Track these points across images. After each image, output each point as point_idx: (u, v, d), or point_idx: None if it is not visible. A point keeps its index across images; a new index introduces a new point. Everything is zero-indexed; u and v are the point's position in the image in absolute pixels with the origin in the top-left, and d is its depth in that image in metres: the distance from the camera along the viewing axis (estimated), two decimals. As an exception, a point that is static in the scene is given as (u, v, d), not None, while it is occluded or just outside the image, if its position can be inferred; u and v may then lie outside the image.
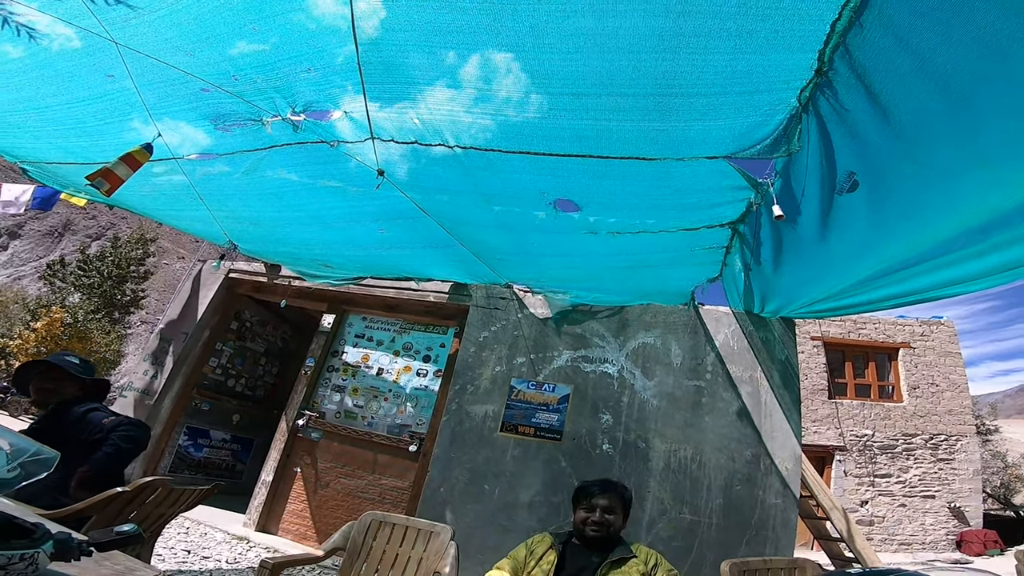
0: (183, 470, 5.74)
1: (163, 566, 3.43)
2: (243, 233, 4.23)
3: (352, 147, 2.57)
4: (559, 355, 4.42)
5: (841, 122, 1.85)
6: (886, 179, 2.07)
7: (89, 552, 1.14)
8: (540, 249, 3.43)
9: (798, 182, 2.24)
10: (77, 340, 13.62)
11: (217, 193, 3.44)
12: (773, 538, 3.85)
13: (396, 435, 4.69)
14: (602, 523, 2.01)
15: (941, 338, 10.75)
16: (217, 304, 5.82)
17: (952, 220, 2.21)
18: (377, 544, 2.52)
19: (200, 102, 2.48)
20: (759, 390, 4.15)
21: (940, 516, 10.18)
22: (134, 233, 18.33)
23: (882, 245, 2.53)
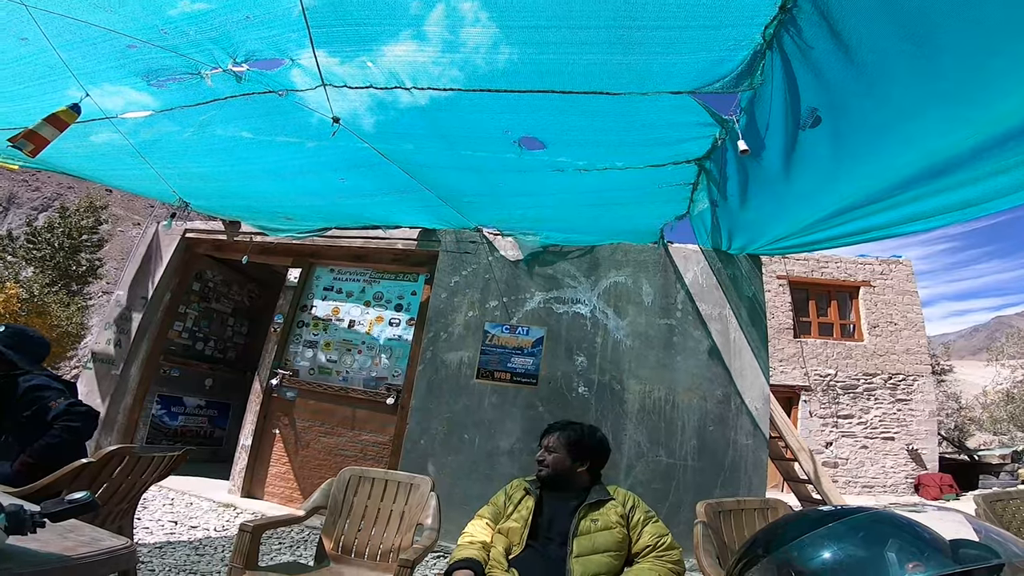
0: (160, 440, 5.65)
1: (151, 539, 3.40)
2: (194, 190, 4.03)
3: (303, 95, 2.44)
4: (531, 297, 4.41)
5: (804, 59, 1.84)
6: (848, 115, 2.09)
7: (43, 523, 1.10)
8: (508, 189, 3.37)
9: (762, 118, 2.24)
10: (36, 316, 13.10)
11: (161, 151, 3.26)
12: (746, 480, 4.00)
13: (373, 388, 4.66)
14: (540, 460, 2.06)
15: (899, 277, 11.10)
16: (176, 266, 5.62)
17: (911, 157, 2.26)
18: (358, 500, 2.52)
19: (128, 59, 2.32)
20: (728, 328, 4.24)
21: (899, 459, 10.68)
22: (82, 201, 17.48)
23: (844, 181, 2.57)
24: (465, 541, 1.95)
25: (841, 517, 0.81)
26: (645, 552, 1.88)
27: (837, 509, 0.86)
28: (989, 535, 0.79)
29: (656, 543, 1.88)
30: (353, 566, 2.35)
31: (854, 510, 0.83)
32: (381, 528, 2.46)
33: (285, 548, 3.60)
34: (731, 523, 2.41)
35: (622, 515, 1.94)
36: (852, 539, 0.77)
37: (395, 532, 2.44)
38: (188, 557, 3.18)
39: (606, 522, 1.90)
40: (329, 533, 2.44)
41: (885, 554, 0.73)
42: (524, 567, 1.83)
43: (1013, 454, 12.24)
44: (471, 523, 2.04)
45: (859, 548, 0.76)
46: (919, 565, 0.70)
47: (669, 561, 1.85)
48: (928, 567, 0.70)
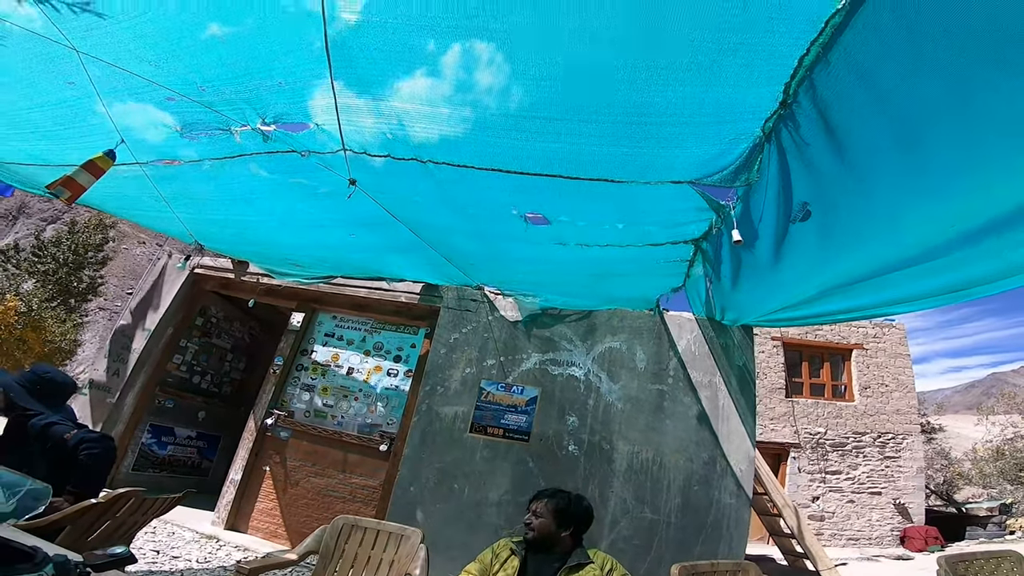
0: (147, 468, 5.64)
1: (131, 568, 3.38)
2: (210, 234, 4.18)
3: (323, 157, 2.61)
4: (528, 358, 4.53)
5: (799, 154, 1.96)
6: (836, 209, 2.23)
7: (87, 574, 1.20)
8: (511, 255, 3.53)
9: (756, 209, 2.38)
10: (31, 330, 13.10)
11: (182, 197, 3.42)
12: (727, 536, 4.06)
13: (367, 434, 4.73)
14: (528, 523, 2.18)
15: (892, 340, 11.29)
16: (182, 300, 5.72)
17: (894, 247, 2.40)
18: (349, 547, 2.59)
19: (166, 110, 2.47)
20: (717, 394, 4.34)
21: (886, 512, 10.68)
22: (92, 218, 17.61)
23: (830, 267, 2.74)
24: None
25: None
26: None
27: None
28: None
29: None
30: None
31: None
32: (371, 575, 2.53)
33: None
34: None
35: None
36: None
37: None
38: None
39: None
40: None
41: None
42: None
43: (1001, 506, 12.12)
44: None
45: None
46: None
47: None
48: None
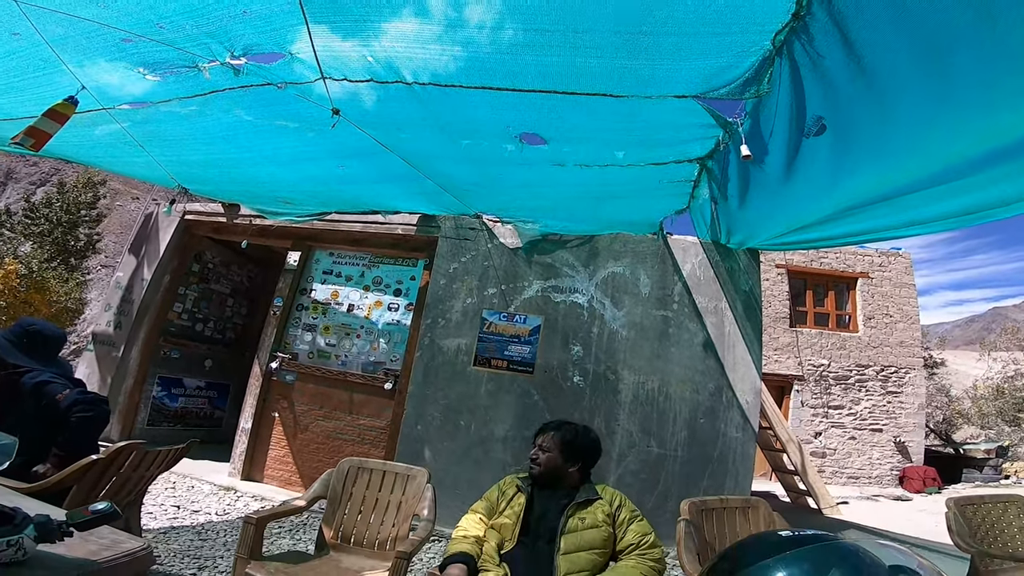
0: (161, 422, 5.70)
1: (155, 524, 3.45)
2: (193, 175, 4.04)
3: (302, 87, 2.44)
4: (529, 285, 4.44)
5: (814, 68, 1.83)
6: (854, 125, 2.10)
7: (70, 533, 1.17)
8: (508, 180, 3.39)
9: (767, 123, 2.25)
10: (35, 291, 13.11)
11: (159, 139, 3.28)
12: (733, 471, 4.07)
13: (371, 373, 4.71)
14: (533, 459, 2.11)
15: (898, 269, 11.12)
16: (175, 247, 5.64)
17: (913, 166, 2.28)
18: (357, 490, 2.57)
19: (124, 52, 2.32)
20: (723, 321, 4.28)
21: (886, 451, 10.78)
22: (80, 177, 17.37)
23: (844, 186, 2.60)
24: (459, 535, 2.00)
25: (797, 544, 0.95)
26: (628, 550, 1.95)
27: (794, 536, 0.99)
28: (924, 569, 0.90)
29: (639, 541, 1.95)
30: (352, 555, 2.42)
31: (809, 538, 0.96)
32: (379, 517, 2.52)
33: (285, 532, 3.66)
34: (713, 521, 2.47)
35: (608, 514, 2.00)
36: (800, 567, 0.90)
37: (392, 522, 2.50)
38: (191, 542, 3.23)
39: (593, 520, 1.96)
40: (329, 522, 2.51)
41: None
42: (514, 562, 1.89)
43: (998, 449, 12.18)
44: (465, 517, 2.10)
45: (807, 574, 0.89)
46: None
47: (651, 559, 1.92)
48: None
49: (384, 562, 2.28)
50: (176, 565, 2.89)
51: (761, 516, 2.59)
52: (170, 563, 2.89)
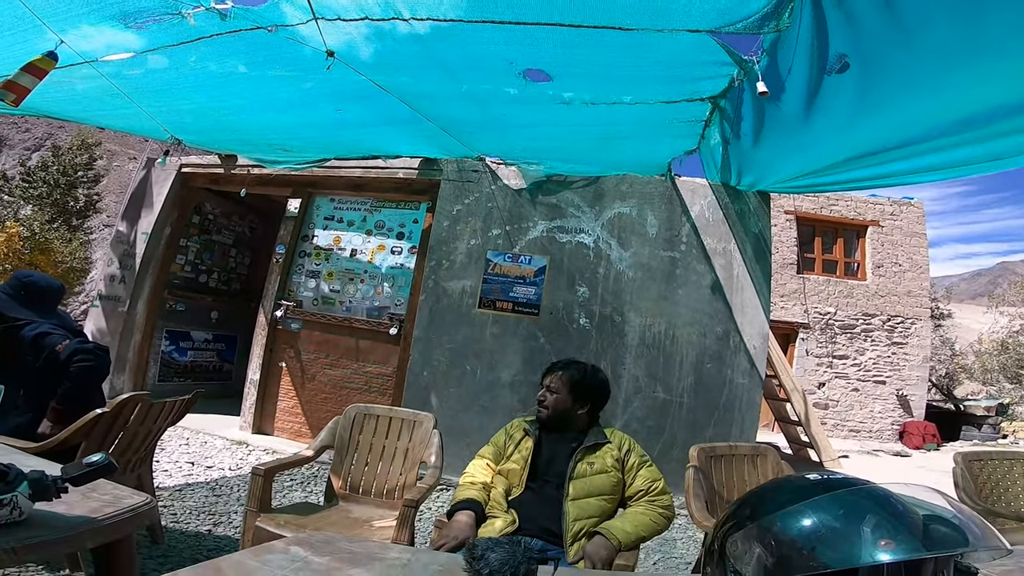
0: (171, 377, 5.76)
1: (170, 482, 3.47)
2: (185, 125, 3.93)
3: (294, 29, 2.32)
4: (534, 226, 4.36)
5: (838, 2, 1.73)
6: (879, 64, 2.00)
7: (65, 489, 1.12)
8: (511, 121, 3.27)
9: (785, 60, 2.14)
10: (39, 253, 13.12)
11: (147, 90, 3.16)
12: (739, 419, 4.06)
13: (376, 318, 4.69)
14: (541, 401, 2.02)
15: (909, 218, 10.88)
16: (174, 200, 5.57)
17: (940, 109, 2.19)
18: (364, 438, 2.55)
19: (102, 3, 2.22)
20: (732, 263, 4.20)
21: (888, 404, 10.75)
22: (74, 140, 17.18)
23: (866, 127, 2.51)
24: (466, 481, 1.96)
25: (826, 489, 0.86)
26: (638, 496, 1.90)
27: (823, 479, 0.90)
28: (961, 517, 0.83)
29: (649, 488, 1.90)
30: (361, 504, 2.41)
31: (839, 482, 0.88)
32: (387, 466, 2.50)
33: (296, 485, 3.71)
34: (722, 468, 2.42)
35: (617, 459, 1.94)
36: (833, 512, 0.81)
37: (400, 470, 2.48)
38: (206, 498, 3.26)
39: (602, 466, 1.91)
40: (337, 472, 2.49)
41: (861, 529, 0.77)
42: (523, 508, 1.85)
43: (998, 407, 12.13)
44: (472, 463, 2.05)
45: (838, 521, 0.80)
46: (890, 543, 0.75)
47: (660, 506, 1.87)
48: (898, 546, 0.74)
49: (393, 511, 2.27)
50: (192, 522, 2.91)
51: (770, 464, 2.52)
52: (186, 520, 2.91)
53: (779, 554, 0.80)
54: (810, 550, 0.78)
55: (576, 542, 1.76)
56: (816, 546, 0.78)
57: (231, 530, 2.86)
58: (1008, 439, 10.78)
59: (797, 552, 0.79)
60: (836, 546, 0.77)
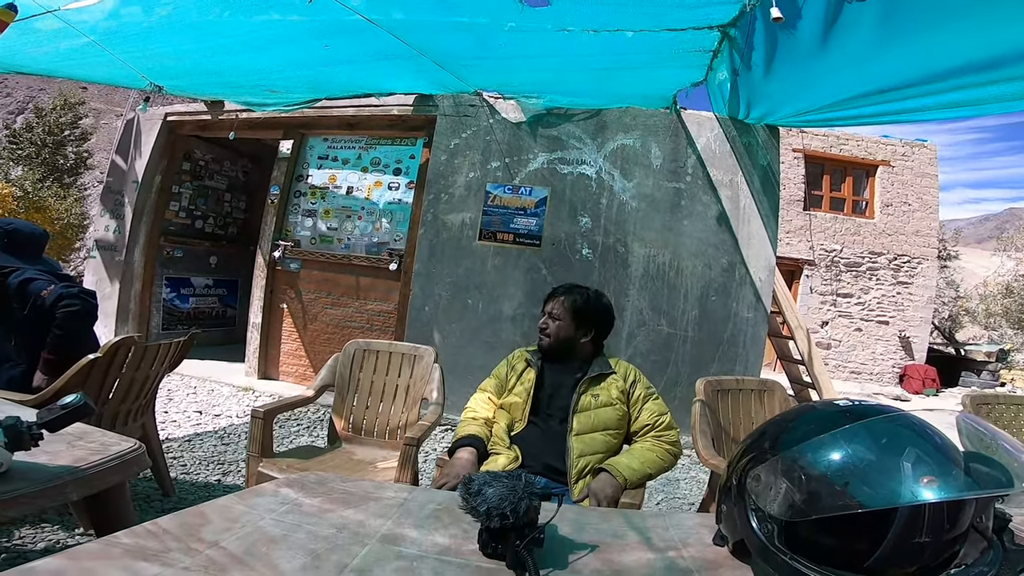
0: (175, 325, 5.76)
1: (179, 432, 3.44)
2: (165, 70, 3.77)
3: None
4: (534, 158, 4.23)
5: None
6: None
7: (40, 435, 1.03)
8: (509, 51, 3.09)
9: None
10: (35, 211, 13.04)
11: (118, 36, 3.02)
12: (743, 356, 4.01)
13: (375, 254, 4.62)
14: (543, 328, 1.90)
15: (921, 160, 10.61)
16: (161, 148, 5.45)
17: (967, 44, 2.08)
18: (364, 375, 2.47)
19: None
20: (738, 195, 4.09)
21: (890, 346, 10.65)
22: (56, 100, 16.89)
23: (887, 60, 2.38)
24: (468, 417, 1.89)
25: (858, 416, 0.76)
26: (643, 431, 1.81)
27: (853, 406, 0.80)
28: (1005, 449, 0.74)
29: (655, 422, 1.81)
30: (364, 445, 2.35)
31: (870, 409, 0.78)
32: (388, 404, 2.43)
33: (303, 429, 3.71)
34: (728, 403, 2.33)
35: (623, 390, 1.84)
36: (867, 443, 0.72)
37: (401, 408, 2.42)
38: (215, 448, 3.23)
39: (607, 398, 1.81)
40: (339, 412, 2.43)
41: (901, 464, 0.69)
42: (526, 444, 1.77)
43: (999, 352, 11.97)
44: (474, 397, 1.98)
45: (874, 454, 0.71)
46: (934, 480, 0.66)
47: (667, 442, 1.78)
48: (942, 484, 0.66)
49: (396, 451, 2.18)
50: (202, 472, 2.88)
51: (777, 401, 2.40)
52: (196, 471, 2.88)
53: (808, 490, 0.72)
54: (843, 485, 0.70)
55: (581, 479, 1.69)
56: (849, 481, 0.70)
57: (239, 479, 2.83)
58: (1006, 387, 10.66)
59: (828, 488, 0.71)
60: (873, 481, 0.69)
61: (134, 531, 0.79)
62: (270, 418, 2.10)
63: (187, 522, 0.84)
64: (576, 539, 0.92)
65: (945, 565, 0.72)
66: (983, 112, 2.71)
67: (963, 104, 2.68)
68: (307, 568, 0.75)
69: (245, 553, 0.77)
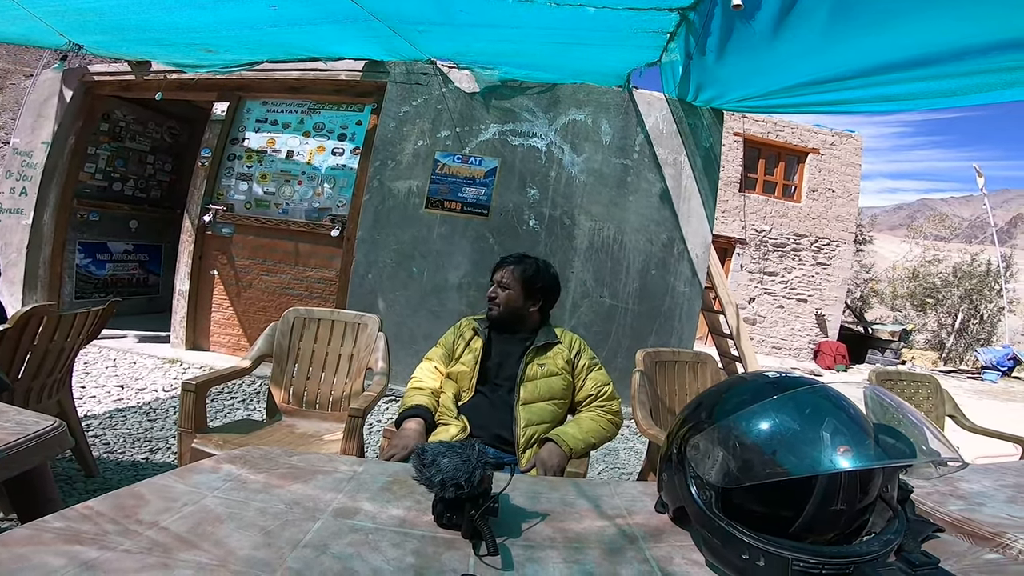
0: (90, 293, 5.35)
1: (100, 408, 3.22)
2: (87, 27, 3.41)
3: None
4: (486, 128, 4.17)
5: None
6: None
7: None
8: (468, 19, 2.99)
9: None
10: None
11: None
12: (678, 329, 4.19)
13: (316, 220, 4.43)
14: (492, 298, 1.88)
15: (847, 149, 11.29)
16: (77, 109, 4.98)
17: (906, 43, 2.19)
18: (305, 344, 2.36)
19: None
20: (681, 173, 4.21)
21: (807, 323, 11.43)
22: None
23: (833, 52, 2.48)
24: (414, 387, 1.86)
25: (784, 389, 0.80)
26: (588, 401, 1.84)
27: (781, 378, 0.84)
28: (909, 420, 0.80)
29: (599, 392, 1.84)
30: (306, 418, 2.28)
31: (796, 381, 0.83)
32: (331, 374, 2.35)
33: (238, 403, 3.56)
34: (664, 374, 2.39)
35: (568, 360, 1.85)
36: (792, 414, 0.76)
37: (345, 378, 2.34)
38: (140, 424, 3.05)
39: (553, 367, 1.82)
40: (278, 383, 2.32)
41: (821, 434, 0.73)
42: (473, 414, 1.76)
43: (902, 332, 12.86)
44: (420, 367, 1.94)
45: (798, 424, 0.75)
46: (849, 450, 0.71)
47: (610, 412, 1.82)
48: (856, 453, 0.71)
49: (340, 423, 2.12)
50: (127, 451, 2.70)
51: (709, 372, 2.51)
52: (121, 449, 2.71)
53: (742, 458, 0.76)
54: (771, 453, 0.74)
55: (528, 449, 1.70)
56: (777, 449, 0.74)
57: (170, 456, 2.69)
58: (907, 365, 11.65)
59: (758, 456, 0.74)
60: (797, 450, 0.73)
61: (64, 514, 0.73)
62: (202, 391, 1.98)
63: (123, 503, 0.79)
64: (528, 508, 0.94)
65: (857, 533, 0.79)
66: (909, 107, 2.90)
67: (893, 98, 2.86)
68: (259, 546, 0.72)
69: (190, 533, 0.73)
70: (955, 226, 26.45)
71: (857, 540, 0.77)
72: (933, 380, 2.91)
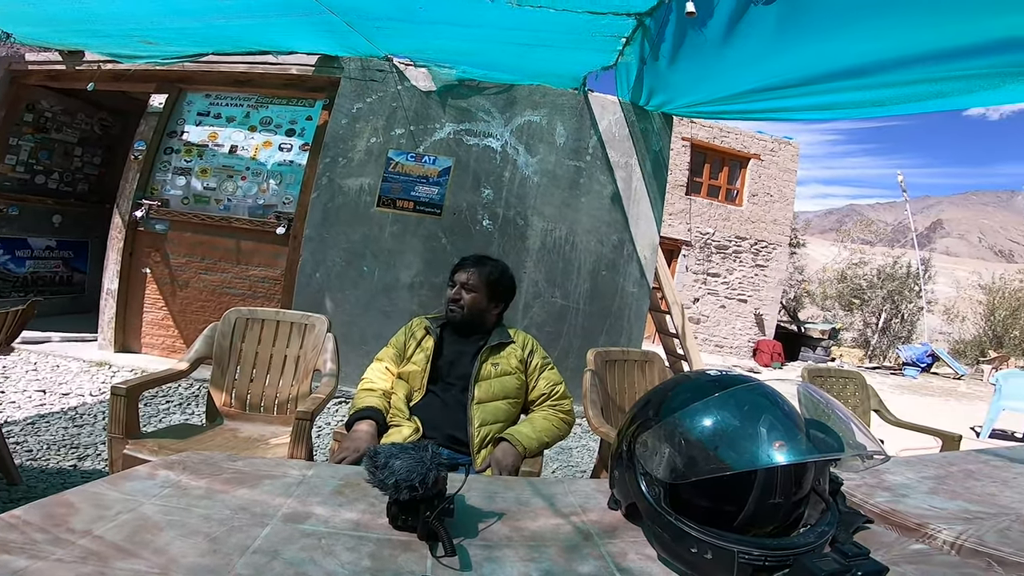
0: (8, 293, 4.94)
1: (20, 414, 2.99)
2: (16, 16, 3.18)
3: None
4: (441, 128, 4.14)
5: None
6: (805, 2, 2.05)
7: None
8: (429, 16, 2.94)
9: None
10: None
11: None
12: (627, 328, 4.28)
13: (260, 217, 4.25)
14: (456, 299, 1.84)
15: (785, 156, 11.96)
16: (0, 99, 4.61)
17: (841, 53, 2.30)
18: (248, 346, 2.25)
19: None
20: (632, 176, 4.32)
21: (747, 322, 12.05)
22: None
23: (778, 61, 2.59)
24: (365, 388, 1.81)
25: (725, 386, 0.83)
26: (540, 400, 1.84)
27: (721, 376, 0.88)
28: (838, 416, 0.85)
29: (551, 391, 1.84)
30: (251, 422, 2.18)
31: (735, 379, 0.86)
32: (276, 376, 2.25)
33: (174, 407, 3.38)
34: (614, 373, 2.43)
35: (521, 359, 1.85)
36: (732, 411, 0.80)
37: (291, 380, 2.25)
38: (66, 430, 2.86)
39: (507, 367, 1.81)
40: (219, 385, 2.20)
41: (759, 430, 0.77)
42: (426, 414, 1.73)
43: (831, 331, 13.77)
44: (371, 367, 1.90)
45: (738, 420, 0.79)
46: (784, 445, 0.75)
47: (562, 411, 1.83)
48: (790, 448, 0.75)
49: (288, 427, 2.02)
50: (52, 458, 2.53)
51: (656, 371, 2.56)
52: (45, 457, 2.53)
53: (687, 454, 0.78)
54: (714, 449, 0.76)
55: (483, 449, 1.68)
56: (719, 445, 0.77)
57: (100, 463, 2.53)
58: (836, 362, 12.45)
59: (702, 452, 0.77)
60: (737, 446, 0.76)
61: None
62: (134, 395, 1.86)
63: (51, 512, 0.74)
64: (484, 508, 0.94)
65: (795, 525, 0.83)
66: (844, 116, 3.10)
67: (830, 107, 3.02)
68: (205, 553, 0.69)
69: (127, 541, 0.69)
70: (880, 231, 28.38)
71: (795, 532, 0.81)
72: (859, 376, 3.06)
